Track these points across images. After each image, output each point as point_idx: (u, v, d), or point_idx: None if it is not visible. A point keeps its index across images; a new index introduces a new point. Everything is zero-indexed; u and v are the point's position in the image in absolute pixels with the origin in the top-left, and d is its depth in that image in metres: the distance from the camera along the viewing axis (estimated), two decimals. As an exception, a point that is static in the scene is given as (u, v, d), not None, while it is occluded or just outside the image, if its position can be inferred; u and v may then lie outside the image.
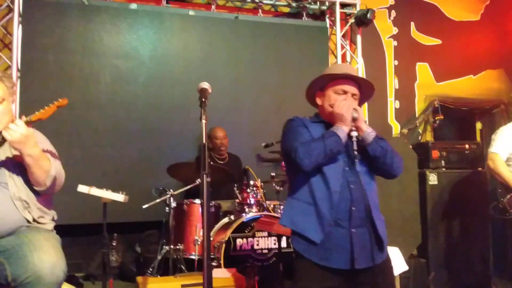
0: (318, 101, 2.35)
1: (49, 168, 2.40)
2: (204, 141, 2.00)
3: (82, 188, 3.05)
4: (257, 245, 3.88)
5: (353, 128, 2.13)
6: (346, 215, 2.09)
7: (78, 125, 4.79)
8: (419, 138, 6.00)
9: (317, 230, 2.10)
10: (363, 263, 2.08)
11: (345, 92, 2.23)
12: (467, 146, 4.82)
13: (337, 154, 2.13)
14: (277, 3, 5.70)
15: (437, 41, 6.31)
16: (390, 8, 6.15)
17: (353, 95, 2.24)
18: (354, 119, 2.13)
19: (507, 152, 3.69)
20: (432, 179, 4.61)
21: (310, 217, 2.13)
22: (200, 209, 3.95)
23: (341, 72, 2.27)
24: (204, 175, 1.94)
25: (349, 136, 2.13)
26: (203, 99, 2.11)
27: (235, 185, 4.22)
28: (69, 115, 4.72)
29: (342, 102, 2.17)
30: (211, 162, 4.49)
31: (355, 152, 2.10)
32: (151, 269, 3.95)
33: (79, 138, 4.79)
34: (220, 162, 4.83)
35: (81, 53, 4.87)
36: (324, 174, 2.13)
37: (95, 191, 3.02)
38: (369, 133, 2.16)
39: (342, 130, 2.12)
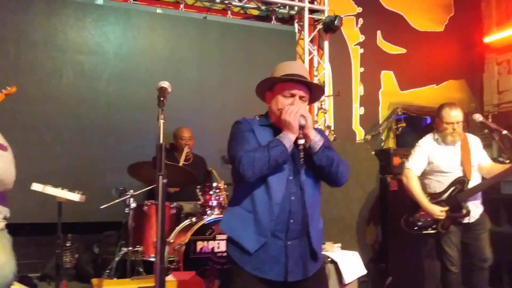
0: (268, 102, 2.29)
1: None
2: (161, 142, 1.95)
3: (36, 187, 2.96)
4: (218, 248, 3.85)
5: (301, 136, 2.05)
6: (284, 227, 2.07)
7: (36, 120, 4.66)
8: (382, 144, 6.11)
9: (253, 239, 2.08)
10: (297, 275, 2.08)
11: (292, 96, 2.15)
12: (427, 153, 4.93)
13: (282, 164, 2.08)
14: (246, 5, 5.71)
15: (402, 50, 6.45)
16: (357, 16, 6.25)
17: (301, 97, 2.16)
18: (302, 127, 2.05)
19: (422, 168, 3.69)
20: (393, 185, 4.69)
21: (248, 225, 2.10)
22: (161, 210, 3.89)
23: (290, 72, 2.20)
24: (160, 176, 1.88)
25: (296, 144, 2.05)
26: (162, 98, 2.05)
27: (198, 187, 4.17)
28: (28, 110, 4.61)
29: (290, 108, 2.08)
30: (175, 163, 4.44)
31: (301, 161, 2.04)
32: (108, 271, 3.86)
33: (37, 134, 4.66)
34: (185, 162, 4.77)
35: (43, 46, 4.75)
36: (267, 184, 2.09)
37: (49, 190, 2.93)
38: (316, 141, 2.08)
39: (288, 138, 2.05)
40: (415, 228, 3.73)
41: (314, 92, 2.25)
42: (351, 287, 3.65)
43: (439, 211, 3.52)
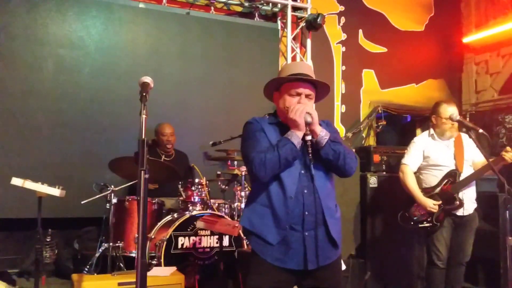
0: (275, 101, 2.38)
1: None
2: (143, 137, 1.95)
3: (16, 181, 2.93)
4: (199, 243, 3.86)
5: (308, 132, 2.16)
6: (299, 219, 2.17)
7: (16, 114, 4.60)
8: (363, 142, 6.18)
9: (274, 232, 2.19)
10: (315, 264, 2.18)
11: (298, 94, 2.25)
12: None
13: (292, 161, 2.18)
14: (229, 1, 5.70)
15: (383, 49, 6.53)
16: (340, 14, 6.30)
17: (307, 95, 2.26)
18: (308, 124, 2.16)
19: (418, 163, 3.87)
20: (373, 182, 4.76)
21: (267, 220, 2.21)
22: (142, 206, 3.88)
23: (296, 72, 2.28)
24: (142, 172, 1.89)
25: (304, 140, 2.17)
26: (144, 94, 2.05)
27: (180, 182, 4.17)
28: (8, 104, 4.56)
29: (296, 107, 2.18)
30: (157, 158, 4.43)
31: (310, 156, 2.14)
32: (88, 267, 3.85)
33: (17, 128, 4.60)
34: (167, 158, 4.76)
35: (23, 40, 4.68)
36: (281, 180, 2.19)
37: (29, 185, 2.91)
38: (323, 136, 2.19)
39: (296, 136, 2.16)
40: (411, 223, 3.87)
41: (320, 89, 2.34)
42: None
43: (432, 204, 3.67)
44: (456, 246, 3.76)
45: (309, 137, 2.16)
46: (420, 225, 3.82)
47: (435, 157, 3.78)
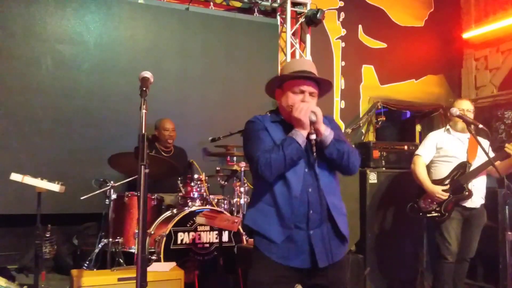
0: (278, 99, 2.34)
1: None
2: (143, 132, 1.95)
3: (15, 177, 2.93)
4: (199, 239, 3.87)
5: (312, 131, 2.14)
6: (304, 218, 2.16)
7: (15, 110, 4.59)
8: (362, 138, 6.18)
9: (278, 231, 2.17)
10: (325, 261, 2.16)
11: (302, 92, 2.22)
12: (406, 147, 5.02)
13: (298, 160, 2.16)
14: (229, -3, 5.69)
15: (383, 45, 6.51)
16: (339, 10, 6.28)
17: (310, 93, 2.23)
18: (313, 122, 2.13)
19: (431, 155, 3.95)
20: (372, 177, 4.76)
21: (271, 219, 2.19)
22: (141, 201, 3.88)
23: (299, 69, 2.26)
24: (142, 166, 1.88)
25: (308, 139, 2.14)
26: (144, 88, 2.04)
27: (179, 178, 4.17)
28: (7, 100, 4.55)
29: (300, 105, 2.15)
30: (156, 154, 4.43)
31: (314, 154, 2.13)
32: (87, 262, 3.85)
33: (17, 124, 4.59)
34: (166, 154, 4.76)
35: (22, 35, 4.66)
36: (286, 179, 2.17)
37: (28, 180, 2.91)
38: (327, 135, 2.17)
39: (301, 135, 2.13)
40: (420, 213, 3.93)
41: (322, 86, 2.32)
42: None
43: (440, 190, 3.73)
44: (464, 241, 3.78)
45: (313, 136, 2.13)
46: (428, 215, 3.85)
47: (447, 148, 3.85)
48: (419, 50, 6.74)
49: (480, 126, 3.30)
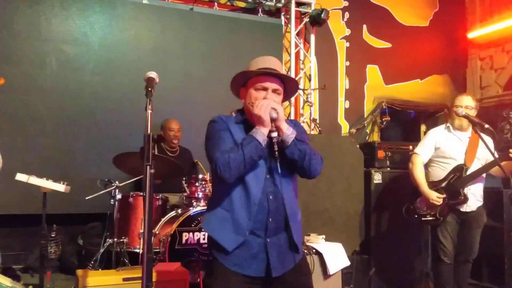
0: (242, 97, 2.26)
1: None
2: (148, 132, 1.94)
3: (20, 177, 2.93)
4: (203, 239, 3.86)
5: (273, 129, 2.04)
6: (262, 225, 2.08)
7: (20, 111, 4.61)
8: (367, 138, 6.17)
9: (231, 238, 2.08)
10: (280, 270, 2.10)
11: (265, 89, 2.13)
12: (410, 147, 4.98)
13: (258, 160, 2.06)
14: (233, -3, 5.69)
15: (387, 45, 6.50)
16: (344, 10, 6.27)
17: (274, 90, 2.14)
18: (273, 120, 2.04)
19: (429, 154, 3.87)
20: (377, 177, 4.75)
21: (226, 225, 2.10)
22: (146, 201, 3.88)
23: (263, 66, 2.18)
24: (148, 167, 1.88)
25: (269, 138, 2.04)
26: (150, 89, 2.03)
27: (184, 178, 4.17)
28: (12, 100, 4.56)
29: (261, 102, 2.06)
30: (162, 154, 4.43)
31: (276, 154, 2.03)
32: (92, 262, 3.85)
33: (22, 124, 4.60)
34: (171, 154, 4.76)
35: (26, 36, 4.68)
36: (246, 184, 2.08)
37: (34, 180, 2.91)
38: (289, 135, 2.08)
39: (261, 133, 2.03)
40: (415, 216, 3.87)
41: (288, 85, 2.23)
42: (335, 278, 3.70)
43: (435, 196, 3.67)
44: (463, 243, 3.75)
45: (275, 134, 2.04)
46: (423, 219, 3.81)
47: (445, 148, 3.77)
48: (424, 50, 6.73)
49: (486, 126, 3.28)
